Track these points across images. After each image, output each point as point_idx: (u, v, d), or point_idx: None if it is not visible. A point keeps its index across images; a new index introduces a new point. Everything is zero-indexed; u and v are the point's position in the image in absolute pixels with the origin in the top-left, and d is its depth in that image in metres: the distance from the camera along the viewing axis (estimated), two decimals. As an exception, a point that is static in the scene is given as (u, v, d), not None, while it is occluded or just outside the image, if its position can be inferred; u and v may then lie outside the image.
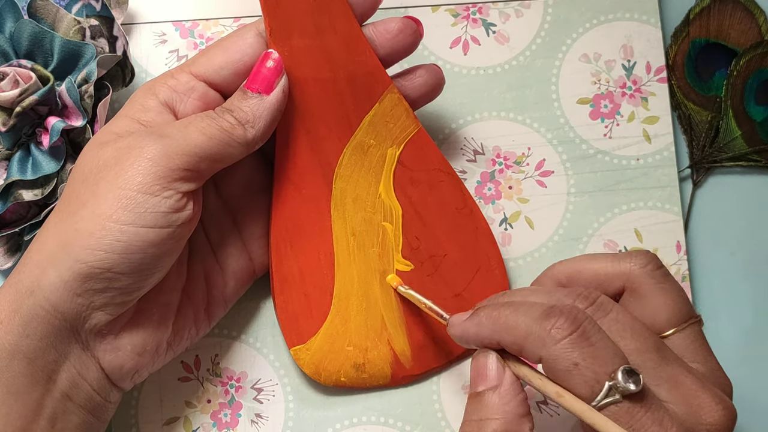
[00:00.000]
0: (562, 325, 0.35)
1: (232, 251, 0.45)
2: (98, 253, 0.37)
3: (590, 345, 0.34)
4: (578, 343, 0.34)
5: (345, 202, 0.45)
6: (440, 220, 0.46)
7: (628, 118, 0.50)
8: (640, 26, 0.51)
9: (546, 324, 0.35)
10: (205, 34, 0.50)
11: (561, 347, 0.35)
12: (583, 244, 0.49)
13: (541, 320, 0.35)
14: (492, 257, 0.47)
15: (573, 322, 0.35)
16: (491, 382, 0.38)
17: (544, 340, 0.35)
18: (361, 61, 0.43)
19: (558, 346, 0.35)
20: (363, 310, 0.46)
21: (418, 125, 0.45)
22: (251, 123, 0.41)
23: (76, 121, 0.45)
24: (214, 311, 0.45)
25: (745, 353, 0.50)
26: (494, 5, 0.51)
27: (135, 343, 0.41)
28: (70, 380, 0.39)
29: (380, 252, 0.46)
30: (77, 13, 0.47)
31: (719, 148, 0.51)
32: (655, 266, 0.39)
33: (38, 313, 0.37)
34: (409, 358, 0.46)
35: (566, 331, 0.35)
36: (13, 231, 0.46)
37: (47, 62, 0.46)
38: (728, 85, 0.51)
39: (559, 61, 0.51)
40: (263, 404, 0.47)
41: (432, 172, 0.46)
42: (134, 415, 0.47)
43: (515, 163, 0.50)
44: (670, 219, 0.50)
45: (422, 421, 0.47)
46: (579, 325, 0.35)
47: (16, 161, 0.46)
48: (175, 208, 0.38)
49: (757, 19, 0.52)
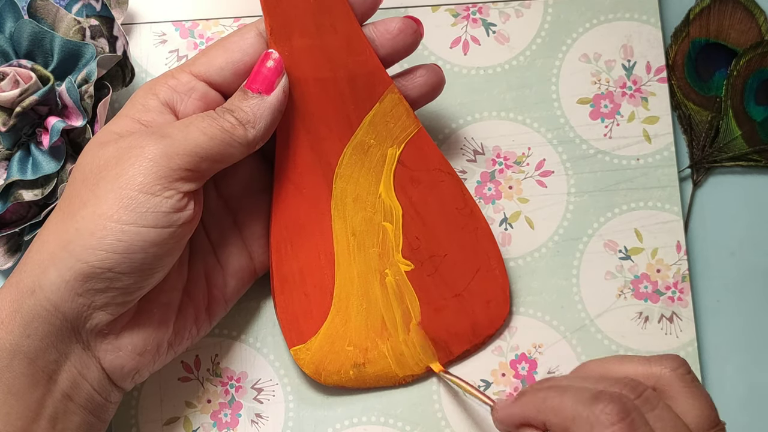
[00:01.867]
0: (612, 410, 0.34)
1: (232, 251, 0.45)
2: (99, 252, 0.37)
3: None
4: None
5: (345, 201, 0.45)
6: (440, 220, 0.46)
7: (628, 118, 0.50)
8: (640, 26, 0.51)
9: (595, 408, 0.35)
10: (205, 34, 0.50)
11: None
12: (583, 244, 0.49)
13: (590, 404, 0.35)
14: (492, 257, 0.47)
15: (622, 410, 0.34)
16: None
17: (592, 424, 0.35)
18: (362, 60, 0.43)
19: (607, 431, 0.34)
20: (363, 310, 0.46)
21: (418, 125, 0.45)
22: (252, 123, 0.41)
23: (76, 121, 0.45)
24: (215, 311, 0.45)
25: (745, 353, 0.50)
26: (494, 5, 0.51)
27: (136, 343, 0.41)
28: (71, 380, 0.39)
29: (380, 252, 0.46)
30: (77, 13, 0.47)
31: (719, 148, 0.51)
32: (686, 371, 0.38)
33: (39, 313, 0.37)
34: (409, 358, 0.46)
35: (615, 417, 0.34)
36: (13, 231, 0.46)
37: (47, 62, 0.46)
38: (728, 85, 0.51)
39: (559, 61, 0.51)
40: (263, 404, 0.47)
41: (432, 172, 0.46)
42: (134, 415, 0.47)
43: (515, 163, 0.50)
44: (670, 219, 0.50)
45: (422, 421, 0.47)
46: (629, 413, 0.34)
47: (16, 161, 0.46)
48: (176, 208, 0.38)
49: (757, 19, 0.52)
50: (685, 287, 0.49)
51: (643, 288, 0.49)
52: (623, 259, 0.49)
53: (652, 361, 0.39)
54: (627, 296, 0.49)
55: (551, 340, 0.48)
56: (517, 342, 0.48)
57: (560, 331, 0.48)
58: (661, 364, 0.39)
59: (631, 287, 0.49)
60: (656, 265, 0.49)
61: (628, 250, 0.49)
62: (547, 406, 0.37)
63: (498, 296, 0.47)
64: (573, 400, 0.36)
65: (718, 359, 0.50)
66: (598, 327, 0.48)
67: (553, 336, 0.48)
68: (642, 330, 0.48)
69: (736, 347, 0.50)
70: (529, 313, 0.49)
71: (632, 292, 0.49)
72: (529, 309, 0.49)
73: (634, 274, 0.49)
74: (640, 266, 0.49)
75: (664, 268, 0.49)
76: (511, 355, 0.48)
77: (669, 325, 0.48)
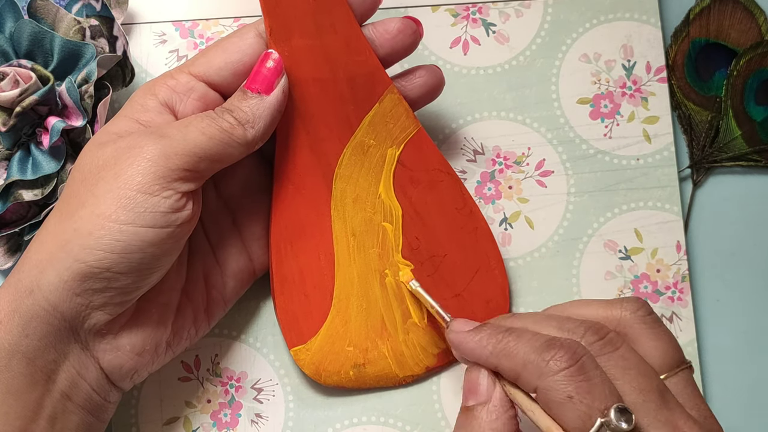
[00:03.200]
0: (561, 357, 0.35)
1: (231, 251, 0.45)
2: (97, 252, 0.37)
3: (586, 380, 0.35)
4: (575, 377, 0.35)
5: (345, 202, 0.45)
6: (440, 220, 0.46)
7: (628, 118, 0.50)
8: (640, 26, 0.51)
9: (545, 355, 0.35)
10: (205, 34, 0.50)
11: (557, 379, 0.35)
12: (583, 244, 0.49)
13: (541, 351, 0.36)
14: (492, 257, 0.47)
15: (572, 356, 0.35)
16: (481, 397, 0.38)
17: (541, 370, 0.35)
18: (361, 61, 0.43)
19: (554, 378, 0.35)
20: (363, 310, 0.46)
21: (417, 125, 0.45)
22: (251, 123, 0.41)
23: (76, 121, 0.45)
24: (214, 311, 0.45)
25: (745, 353, 0.50)
26: (494, 5, 0.51)
27: (134, 342, 0.41)
28: (70, 380, 0.39)
29: (380, 252, 0.46)
30: (77, 13, 0.47)
31: (719, 148, 0.51)
32: (646, 312, 0.39)
33: (38, 313, 0.37)
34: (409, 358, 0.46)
35: (564, 363, 0.35)
36: (13, 231, 0.46)
37: (47, 62, 0.46)
38: (728, 85, 0.51)
39: (559, 61, 0.51)
40: (263, 404, 0.47)
41: (432, 172, 0.46)
42: (134, 415, 0.47)
43: (515, 163, 0.50)
44: (670, 219, 0.50)
45: (422, 421, 0.47)
46: (578, 359, 0.35)
47: (16, 161, 0.46)
48: (175, 208, 0.38)
49: (757, 19, 0.52)
50: (685, 287, 0.49)
51: (643, 288, 0.49)
52: (623, 259, 0.49)
53: (613, 303, 0.40)
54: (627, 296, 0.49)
55: (551, 340, 0.48)
56: (517, 342, 0.48)
57: (560, 331, 0.48)
58: (622, 307, 0.39)
59: (631, 287, 0.49)
60: (656, 265, 0.49)
61: (628, 250, 0.49)
62: (501, 350, 0.37)
63: (498, 296, 0.47)
64: (526, 346, 0.36)
65: (718, 359, 0.50)
66: (598, 327, 0.48)
67: (552, 336, 0.48)
68: (642, 330, 0.48)
69: (736, 347, 0.50)
70: (528, 313, 0.49)
71: (632, 292, 0.49)
72: (529, 309, 0.49)
73: (634, 274, 0.49)
74: (640, 266, 0.49)
75: (664, 268, 0.49)
76: (510, 355, 0.48)
77: (669, 324, 0.48)
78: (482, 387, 0.38)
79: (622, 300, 0.40)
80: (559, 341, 0.36)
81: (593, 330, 0.37)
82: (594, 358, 0.36)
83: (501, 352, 0.37)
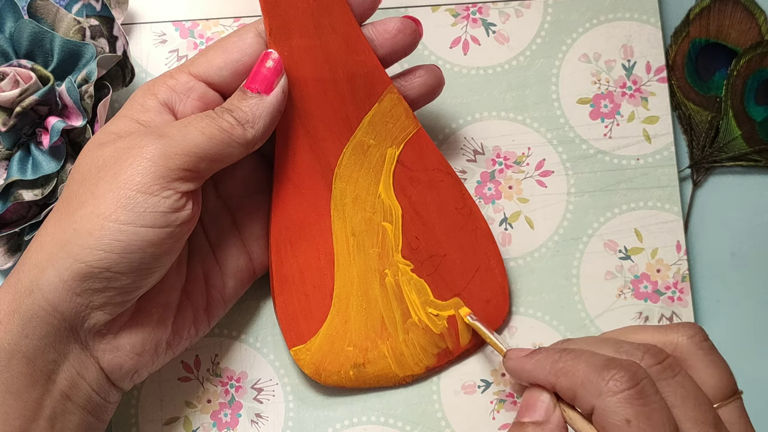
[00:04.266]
0: (622, 377, 0.35)
1: (231, 251, 0.45)
2: (97, 252, 0.37)
3: (646, 405, 0.34)
4: (634, 401, 0.34)
5: (345, 202, 0.45)
6: (440, 220, 0.46)
7: (628, 118, 0.50)
8: (640, 26, 0.51)
9: (605, 374, 0.35)
10: (205, 34, 0.50)
11: (616, 400, 0.34)
12: (583, 244, 0.49)
13: (601, 370, 0.35)
14: (492, 257, 0.47)
15: (632, 378, 0.35)
16: (538, 416, 0.38)
17: (600, 389, 0.35)
18: (361, 61, 0.43)
19: (613, 399, 0.34)
20: (363, 310, 0.46)
21: (417, 125, 0.45)
22: (251, 123, 0.41)
23: (76, 121, 0.45)
24: (214, 311, 0.45)
25: (745, 353, 0.50)
26: (494, 5, 0.51)
27: (134, 342, 0.41)
28: (70, 380, 0.39)
29: (380, 252, 0.46)
30: (77, 13, 0.47)
31: (719, 148, 0.51)
32: (703, 337, 0.39)
33: (37, 313, 0.37)
34: (409, 358, 0.46)
35: (624, 385, 0.34)
36: (13, 231, 0.46)
37: (47, 62, 0.46)
38: (728, 85, 0.51)
39: (559, 61, 0.51)
40: (263, 404, 0.47)
41: (431, 172, 0.46)
42: (134, 415, 0.47)
43: (515, 163, 0.50)
44: (670, 219, 0.50)
45: (422, 421, 0.47)
46: (638, 382, 0.35)
47: (16, 161, 0.46)
48: (174, 208, 0.38)
49: (757, 19, 0.52)
50: (685, 287, 0.49)
51: (643, 288, 0.49)
52: (623, 259, 0.49)
53: (669, 329, 0.39)
54: (627, 296, 0.49)
55: (551, 339, 0.48)
56: (517, 342, 0.48)
57: (560, 331, 0.48)
58: (678, 332, 0.39)
59: (631, 287, 0.49)
60: (656, 265, 0.49)
61: (628, 250, 0.49)
62: (559, 368, 0.37)
63: (497, 296, 0.47)
64: (585, 364, 0.36)
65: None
66: (598, 327, 0.48)
67: (553, 336, 0.48)
68: (642, 330, 0.48)
69: (736, 347, 0.50)
70: (528, 313, 0.49)
71: (632, 292, 0.49)
72: (529, 309, 0.49)
73: (634, 274, 0.49)
74: (640, 266, 0.49)
75: (664, 268, 0.49)
76: (510, 355, 0.48)
77: (669, 325, 0.48)
78: (542, 405, 0.38)
79: (678, 325, 0.39)
80: (619, 362, 0.35)
81: (652, 353, 0.37)
82: (653, 383, 0.35)
83: (559, 370, 0.37)
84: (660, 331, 0.39)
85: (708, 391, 0.37)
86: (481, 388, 0.48)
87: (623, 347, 0.38)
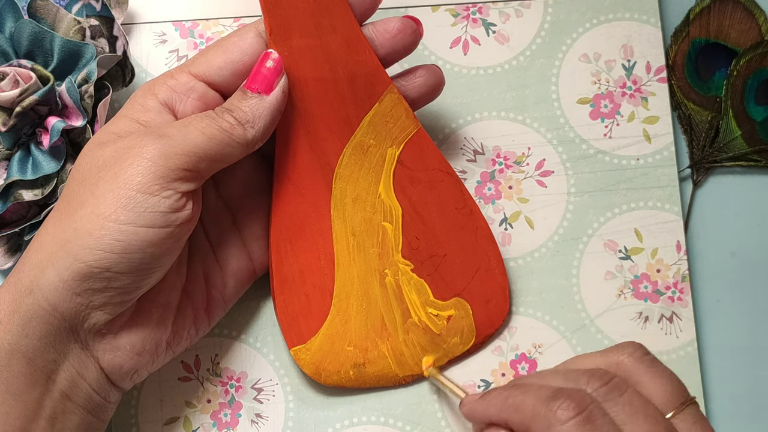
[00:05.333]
0: (568, 406, 0.35)
1: (232, 251, 0.45)
2: (97, 252, 0.37)
3: (595, 429, 0.35)
4: (582, 427, 0.35)
5: (345, 202, 0.45)
6: (440, 219, 0.46)
7: (628, 118, 0.50)
8: (640, 26, 0.51)
9: (552, 405, 0.36)
10: (205, 34, 0.50)
11: (566, 429, 0.35)
12: (583, 244, 0.49)
13: (548, 401, 0.36)
14: (492, 257, 0.47)
15: (579, 405, 0.35)
16: None
17: (549, 420, 0.35)
18: (361, 60, 0.43)
19: (563, 428, 0.35)
20: (363, 310, 0.46)
21: (417, 125, 0.45)
22: (251, 123, 0.41)
23: (76, 121, 0.45)
24: (214, 311, 0.45)
25: (745, 353, 0.50)
26: (494, 5, 0.51)
27: (134, 342, 0.41)
28: (70, 380, 0.39)
29: (380, 252, 0.46)
30: (77, 13, 0.47)
31: (719, 148, 0.51)
32: (643, 353, 0.39)
33: (37, 313, 0.37)
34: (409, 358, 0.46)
35: (571, 413, 0.35)
36: (13, 231, 0.46)
37: (47, 62, 0.46)
38: (728, 85, 0.51)
39: (559, 61, 0.51)
40: (263, 404, 0.47)
41: (432, 172, 0.46)
42: (134, 415, 0.47)
43: (515, 163, 0.50)
44: (670, 219, 0.50)
45: (422, 421, 0.47)
46: (585, 407, 0.35)
47: (16, 161, 0.46)
48: (174, 208, 0.38)
49: (757, 19, 0.52)
50: (685, 287, 0.49)
51: (643, 288, 0.49)
52: (623, 259, 0.49)
53: (610, 351, 0.40)
54: (627, 296, 0.49)
55: (551, 340, 0.48)
56: (517, 342, 0.48)
57: (560, 331, 0.48)
58: (619, 352, 0.39)
59: (631, 287, 0.49)
60: (656, 265, 0.49)
61: (628, 250, 0.49)
62: (509, 405, 0.38)
63: (498, 296, 0.47)
64: (534, 398, 0.37)
65: (718, 359, 0.49)
66: (598, 327, 0.48)
67: (553, 336, 0.48)
68: (642, 330, 0.48)
69: (736, 347, 0.50)
70: (528, 313, 0.49)
71: (632, 292, 0.49)
72: (529, 309, 0.49)
73: (634, 274, 0.49)
74: (640, 266, 0.49)
75: (664, 268, 0.49)
76: (511, 355, 0.48)
77: (669, 325, 0.48)
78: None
79: (619, 346, 0.40)
80: (565, 391, 0.36)
81: (597, 376, 0.37)
82: (601, 406, 0.36)
83: (510, 406, 0.38)
84: (603, 354, 0.40)
85: (658, 403, 0.37)
86: (481, 388, 0.48)
87: (570, 376, 0.38)
